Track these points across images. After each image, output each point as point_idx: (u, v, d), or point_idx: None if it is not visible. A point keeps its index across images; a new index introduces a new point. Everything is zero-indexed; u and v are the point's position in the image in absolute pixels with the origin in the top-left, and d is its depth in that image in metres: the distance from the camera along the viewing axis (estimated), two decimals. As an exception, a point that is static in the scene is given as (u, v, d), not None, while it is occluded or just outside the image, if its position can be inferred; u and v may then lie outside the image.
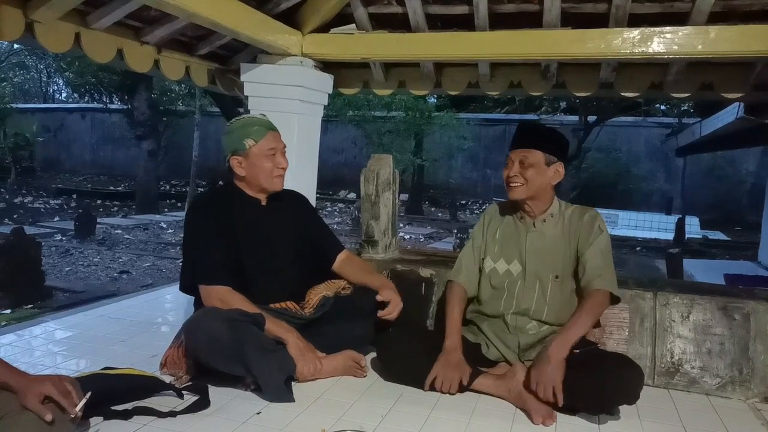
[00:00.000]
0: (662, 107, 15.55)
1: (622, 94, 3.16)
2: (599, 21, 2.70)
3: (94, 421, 1.75)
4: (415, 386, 2.18)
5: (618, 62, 2.97)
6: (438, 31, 2.96)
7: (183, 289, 2.32)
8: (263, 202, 2.36)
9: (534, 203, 2.20)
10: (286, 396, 2.02)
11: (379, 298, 2.33)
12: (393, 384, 2.23)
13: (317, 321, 2.34)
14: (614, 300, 2.14)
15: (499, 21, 2.84)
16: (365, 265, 2.61)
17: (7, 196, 12.37)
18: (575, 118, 14.65)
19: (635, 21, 2.65)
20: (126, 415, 1.82)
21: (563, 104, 15.65)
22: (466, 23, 2.89)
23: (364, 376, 2.29)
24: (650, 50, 2.56)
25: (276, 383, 2.01)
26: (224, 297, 2.13)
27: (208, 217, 2.24)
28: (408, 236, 10.55)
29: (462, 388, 2.13)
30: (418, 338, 2.35)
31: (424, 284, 2.72)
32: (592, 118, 13.77)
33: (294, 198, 2.52)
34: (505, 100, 15.57)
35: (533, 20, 2.78)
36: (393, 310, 2.34)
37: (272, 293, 2.29)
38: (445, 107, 14.14)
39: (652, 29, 2.55)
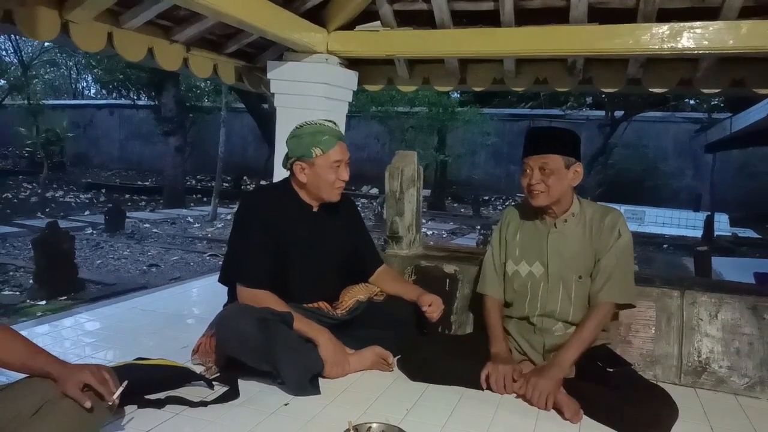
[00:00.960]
0: (691, 102, 15.24)
1: (650, 90, 3.11)
2: (627, 16, 2.67)
3: (129, 409, 1.80)
4: (441, 384, 2.20)
5: (646, 58, 2.93)
6: (463, 28, 2.96)
7: (222, 281, 2.35)
8: (315, 209, 2.37)
9: (556, 206, 2.19)
10: (311, 391, 2.06)
11: (423, 305, 2.34)
12: (417, 379, 2.25)
13: (348, 323, 2.37)
14: (629, 305, 2.17)
15: (525, 17, 2.83)
16: (401, 277, 2.64)
17: (39, 191, 12.67)
18: (601, 113, 14.46)
19: (664, 16, 2.62)
20: (159, 404, 1.88)
21: (589, 99, 15.43)
22: (491, 19, 2.89)
23: (391, 371, 2.32)
24: (680, 46, 2.52)
25: (300, 382, 2.05)
26: (260, 299, 2.16)
27: (258, 215, 2.25)
28: (430, 232, 10.54)
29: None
30: (444, 342, 2.40)
31: (448, 280, 2.73)
32: (618, 113, 13.56)
33: (345, 205, 2.49)
34: (530, 95, 15.42)
35: (560, 16, 2.76)
36: (437, 309, 2.35)
37: (308, 295, 2.32)
38: (468, 103, 14.07)
39: (682, 24, 2.51)
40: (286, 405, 1.97)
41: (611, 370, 2.04)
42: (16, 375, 1.53)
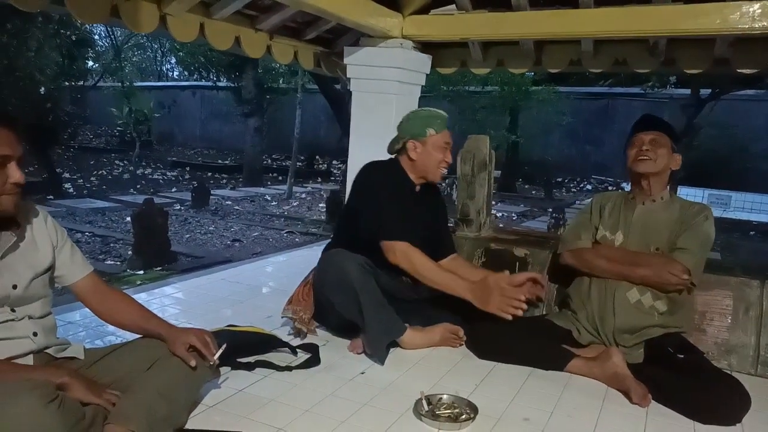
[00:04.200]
0: (790, 78, 14.04)
1: (738, 71, 2.97)
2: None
3: (224, 370, 2.00)
4: (508, 363, 2.27)
5: (735, 37, 2.80)
6: (540, 9, 2.92)
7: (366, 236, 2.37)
8: (417, 188, 2.52)
9: (654, 182, 2.28)
10: (380, 357, 2.19)
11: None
12: (486, 356, 2.33)
13: (423, 302, 2.49)
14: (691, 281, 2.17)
15: (604, -4, 2.76)
16: (476, 267, 2.71)
17: (131, 168, 13.53)
18: (686, 91, 13.61)
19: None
20: (249, 366, 2.07)
21: (673, 78, 14.54)
22: (569, -1, 2.84)
23: (462, 345, 2.42)
24: (772, 25, 2.40)
25: (380, 340, 2.19)
26: (406, 251, 2.27)
27: (387, 182, 2.39)
28: (500, 214, 10.43)
29: (554, 365, 2.21)
30: (513, 323, 2.45)
31: (518, 264, 2.77)
32: (705, 92, 12.72)
33: (436, 192, 2.67)
34: (608, 73, 14.72)
35: (642, -6, 2.69)
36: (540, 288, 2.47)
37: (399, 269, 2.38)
38: (543, 81, 13.64)
39: (776, 2, 2.39)
40: (362, 373, 2.12)
41: (681, 356, 2.04)
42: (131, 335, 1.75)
